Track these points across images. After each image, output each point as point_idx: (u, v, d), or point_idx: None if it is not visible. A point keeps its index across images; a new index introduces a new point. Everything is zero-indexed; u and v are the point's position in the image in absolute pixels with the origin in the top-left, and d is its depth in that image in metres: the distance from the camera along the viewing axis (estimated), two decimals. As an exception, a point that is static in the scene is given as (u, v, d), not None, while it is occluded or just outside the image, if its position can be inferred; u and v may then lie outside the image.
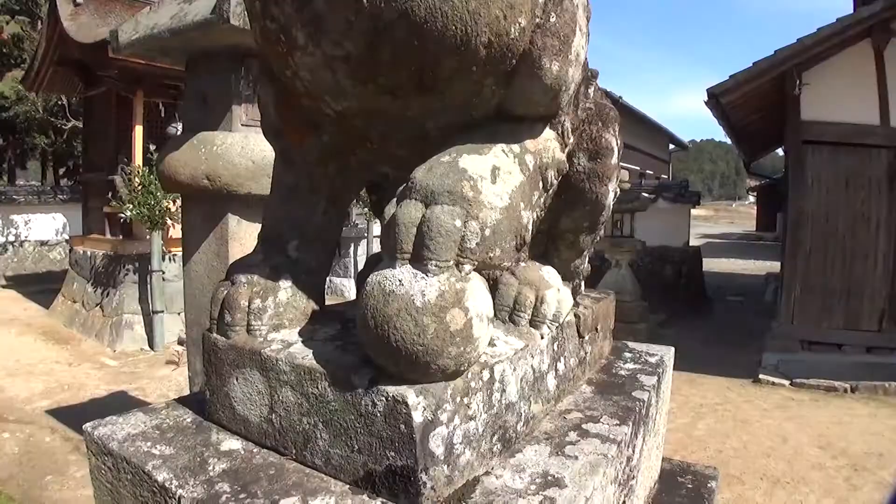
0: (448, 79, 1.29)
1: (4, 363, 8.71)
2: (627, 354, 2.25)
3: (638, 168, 25.93)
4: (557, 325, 1.60)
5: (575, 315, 1.80)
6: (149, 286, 9.80)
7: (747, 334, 10.69)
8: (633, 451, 1.69)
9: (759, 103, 10.44)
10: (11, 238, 16.77)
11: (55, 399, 7.41)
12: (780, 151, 13.67)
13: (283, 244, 1.61)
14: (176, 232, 9.39)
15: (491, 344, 1.37)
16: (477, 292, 1.21)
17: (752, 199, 41.10)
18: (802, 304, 9.35)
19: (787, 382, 8.22)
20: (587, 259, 1.86)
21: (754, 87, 9.36)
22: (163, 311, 9.66)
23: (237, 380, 1.47)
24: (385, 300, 1.17)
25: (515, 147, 1.44)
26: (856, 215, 9.20)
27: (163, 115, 10.95)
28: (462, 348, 1.18)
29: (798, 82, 9.09)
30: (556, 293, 1.57)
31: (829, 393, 7.96)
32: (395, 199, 1.31)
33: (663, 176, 32.30)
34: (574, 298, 1.86)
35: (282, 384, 1.38)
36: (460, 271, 1.21)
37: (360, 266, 13.41)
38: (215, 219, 3.78)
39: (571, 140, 1.61)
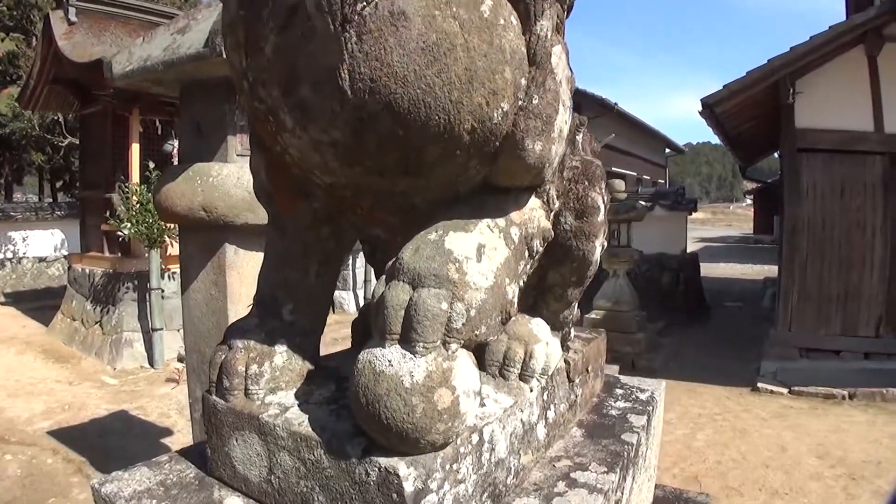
0: (433, 163, 1.32)
1: (4, 383, 8.71)
2: (618, 391, 2.27)
3: (635, 174, 25.88)
4: (547, 377, 1.64)
5: (565, 361, 1.84)
6: (148, 304, 9.81)
7: (746, 341, 10.71)
8: (622, 495, 1.72)
9: (754, 111, 10.49)
10: (9, 254, 16.78)
11: (56, 419, 7.41)
12: (776, 154, 13.71)
13: (278, 308, 1.65)
14: (174, 249, 9.43)
15: (481, 404, 1.41)
16: (463, 370, 1.26)
17: (749, 201, 41.13)
18: (800, 312, 9.38)
19: (785, 390, 8.23)
20: (576, 307, 1.90)
21: (748, 96, 9.40)
22: (162, 329, 9.68)
23: (237, 441, 1.51)
24: (375, 380, 1.21)
25: (501, 221, 1.47)
26: (851, 222, 9.24)
27: (159, 132, 10.97)
28: (450, 424, 1.22)
29: (791, 91, 9.15)
30: (545, 347, 1.60)
31: (828, 400, 7.97)
32: (384, 277, 1.35)
33: (660, 181, 32.28)
34: (565, 343, 1.90)
35: (279, 448, 1.42)
36: (447, 350, 1.25)
37: (360, 279, 13.38)
38: (213, 248, 3.80)
39: (557, 204, 1.64)
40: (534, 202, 1.58)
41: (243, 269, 3.80)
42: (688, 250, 14.56)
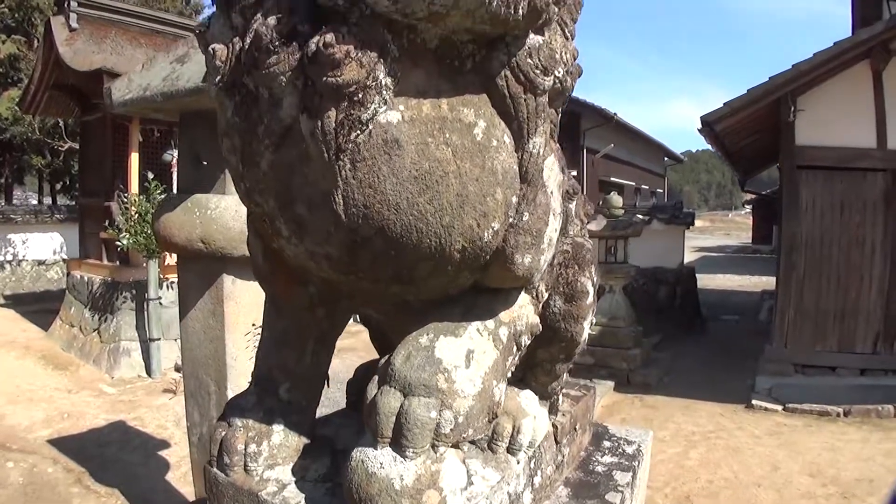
0: (425, 276, 1.37)
1: (5, 389, 8.75)
2: (606, 443, 2.31)
3: (633, 183, 25.99)
4: (534, 448, 1.68)
5: (553, 425, 1.88)
6: (146, 313, 9.85)
7: (741, 356, 10.72)
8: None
9: (754, 127, 10.50)
10: (9, 257, 16.86)
11: (56, 428, 7.46)
12: (776, 166, 13.70)
13: (276, 387, 1.70)
14: (172, 259, 9.46)
15: (469, 482, 1.45)
16: (451, 470, 1.31)
17: (748, 209, 41.21)
18: (796, 328, 9.39)
19: (779, 408, 8.25)
20: (565, 377, 1.94)
21: (748, 113, 9.41)
22: (160, 339, 9.71)
23: None
24: (367, 479, 1.27)
25: (490, 323, 1.51)
26: (850, 239, 9.25)
27: (159, 140, 11.01)
28: None
29: (792, 108, 9.14)
30: (533, 421, 1.64)
31: (822, 417, 7.99)
32: (376, 378, 1.40)
33: (659, 190, 32.33)
34: (554, 408, 1.94)
35: None
36: (436, 453, 1.30)
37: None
38: (211, 278, 3.84)
39: (545, 296, 1.69)
40: (523, 299, 1.61)
41: (241, 299, 3.84)
42: (685, 262, 14.58)
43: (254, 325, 3.88)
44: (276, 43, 1.18)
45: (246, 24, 1.26)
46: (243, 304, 3.85)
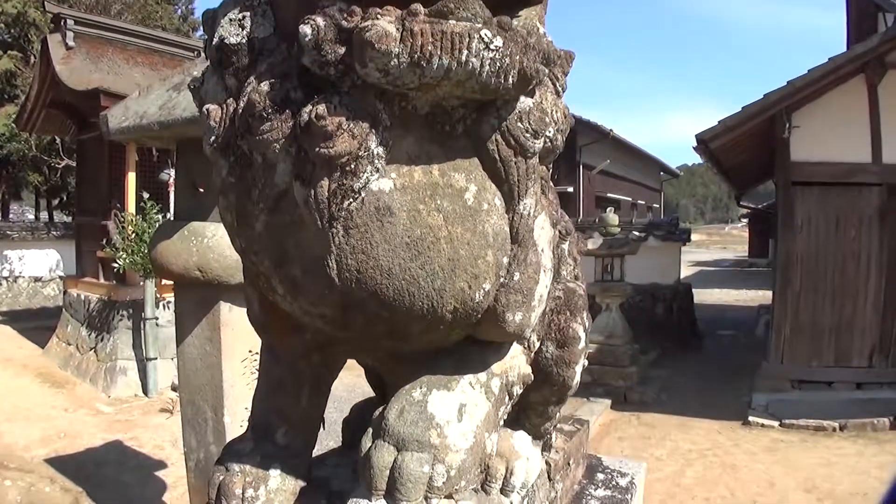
0: (417, 334, 1.39)
1: (2, 406, 8.76)
2: (599, 476, 2.32)
3: (630, 199, 26.09)
4: (527, 489, 1.70)
5: (546, 462, 1.90)
6: (142, 333, 9.86)
7: (738, 371, 10.73)
8: None
9: (749, 143, 10.54)
10: (6, 273, 16.90)
11: (53, 447, 7.46)
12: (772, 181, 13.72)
13: (272, 432, 1.71)
14: (169, 278, 9.48)
15: None
16: None
17: (744, 222, 41.29)
18: (792, 343, 9.43)
19: (776, 424, 8.26)
20: (559, 415, 1.95)
21: (743, 130, 9.45)
22: (156, 358, 9.72)
23: None
24: None
25: (482, 376, 1.53)
26: (846, 254, 9.30)
27: (156, 160, 11.02)
28: None
29: (787, 125, 9.19)
30: (525, 463, 1.66)
31: (819, 432, 8.01)
32: (370, 430, 1.42)
33: (655, 204, 32.46)
34: (547, 446, 1.96)
35: None
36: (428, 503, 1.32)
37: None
38: (207, 305, 3.86)
39: (537, 345, 1.71)
40: (515, 349, 1.63)
41: (237, 326, 3.85)
42: (682, 277, 14.59)
43: (250, 351, 3.89)
44: (269, 110, 1.20)
45: (239, 85, 1.29)
46: (240, 330, 3.85)
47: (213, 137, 1.32)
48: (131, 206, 10.78)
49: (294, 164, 1.23)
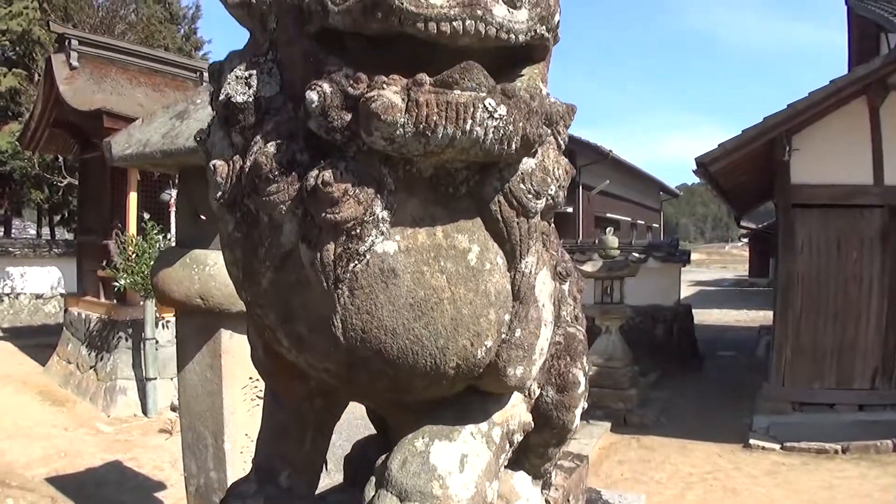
0: (420, 389, 1.41)
1: (3, 424, 8.76)
2: (599, 511, 2.33)
3: (629, 219, 26.13)
4: None
5: (545, 500, 1.91)
6: (142, 352, 9.86)
7: (739, 393, 10.69)
8: None
9: (749, 166, 10.54)
10: (7, 290, 16.91)
11: (53, 466, 7.46)
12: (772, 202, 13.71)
13: (276, 475, 1.73)
14: (170, 298, 9.48)
15: None
16: None
17: (745, 240, 41.25)
18: (793, 366, 9.39)
19: (777, 446, 8.21)
20: (559, 455, 1.96)
21: (743, 154, 9.44)
22: (156, 378, 9.72)
23: None
24: None
25: (483, 425, 1.54)
26: (847, 276, 9.27)
27: (157, 180, 11.06)
28: None
29: (788, 148, 9.18)
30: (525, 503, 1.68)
31: (820, 455, 7.96)
32: (373, 479, 1.43)
33: (654, 224, 32.51)
34: (547, 484, 1.97)
35: None
36: None
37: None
38: (208, 332, 3.86)
39: (538, 393, 1.72)
40: (515, 398, 1.64)
41: (238, 353, 3.85)
42: (682, 297, 14.59)
43: (251, 378, 3.89)
44: (276, 172, 1.22)
45: (246, 143, 1.31)
46: (241, 357, 3.85)
47: (219, 193, 1.34)
48: (132, 226, 10.80)
49: (300, 225, 1.25)
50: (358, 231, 1.20)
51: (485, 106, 1.12)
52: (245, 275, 1.40)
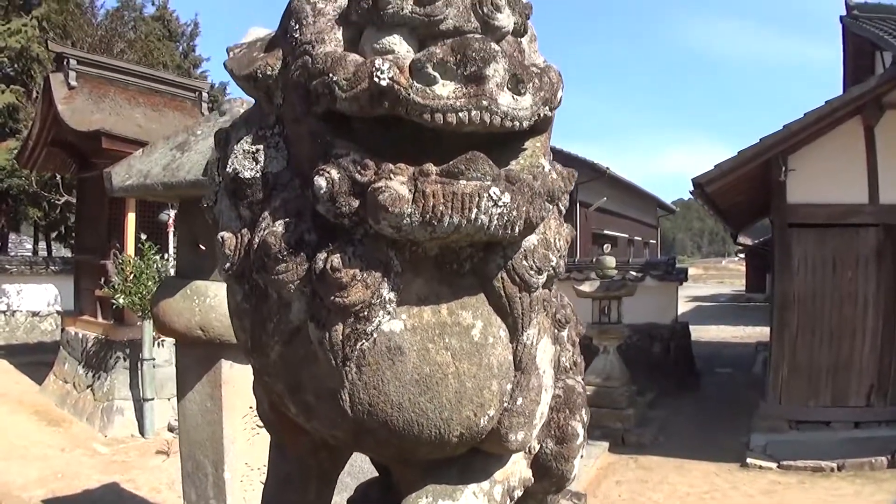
0: (425, 455, 1.44)
1: (-1, 444, 8.74)
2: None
3: (626, 235, 26.22)
4: None
5: None
6: (140, 373, 9.85)
7: (736, 411, 10.69)
8: None
9: (745, 186, 10.59)
10: (3, 307, 16.90)
11: (50, 488, 7.43)
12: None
13: None
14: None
15: None
16: None
17: (742, 255, 41.21)
18: (790, 384, 9.40)
19: (774, 465, 8.22)
20: (557, 500, 1.99)
21: (739, 174, 9.47)
22: (153, 399, 9.71)
23: None
24: None
25: (485, 484, 1.57)
26: (843, 294, 9.30)
27: (156, 201, 11.08)
28: None
29: (784, 168, 9.20)
30: None
31: (816, 473, 7.96)
32: None
33: (652, 240, 32.57)
34: None
35: None
36: None
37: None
38: (209, 363, 3.88)
39: (538, 448, 1.75)
40: (516, 455, 1.67)
41: (238, 383, 3.87)
42: (679, 314, 14.60)
43: (251, 407, 3.90)
44: (285, 253, 1.25)
45: (253, 217, 1.34)
46: (241, 387, 3.87)
47: (228, 265, 1.37)
48: (130, 245, 10.81)
49: (309, 304, 1.28)
50: (366, 313, 1.23)
51: (490, 195, 1.15)
52: (254, 345, 1.43)
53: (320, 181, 1.19)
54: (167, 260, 9.95)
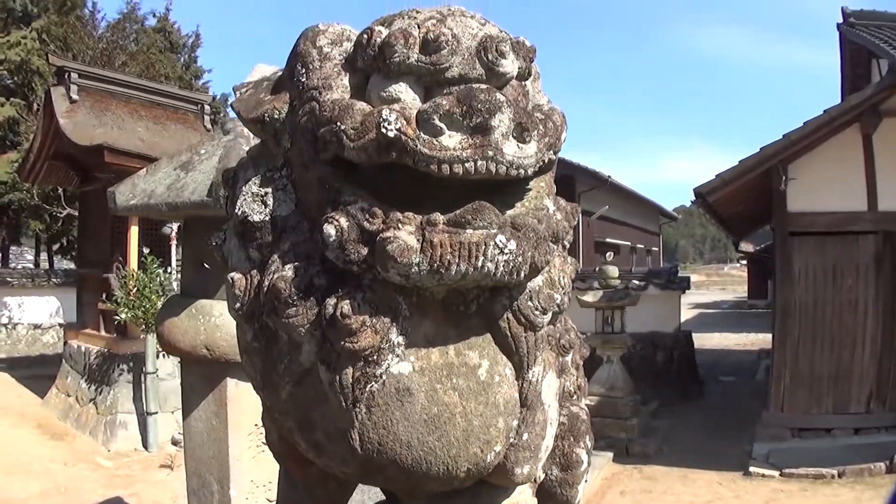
0: (433, 488, 1.46)
1: (1, 458, 8.72)
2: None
3: (629, 243, 26.23)
4: None
5: None
6: (143, 386, 9.86)
7: (739, 419, 10.71)
8: None
9: (746, 195, 10.63)
10: (5, 320, 16.86)
11: (53, 502, 7.47)
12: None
13: None
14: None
15: None
16: None
17: (744, 261, 41.15)
18: (792, 392, 9.43)
19: (776, 473, 8.24)
20: None
21: (740, 183, 9.51)
22: (157, 412, 9.71)
23: None
24: None
25: None
26: (843, 302, 9.34)
27: (159, 214, 11.09)
28: None
29: (784, 178, 9.25)
30: None
31: (818, 481, 7.99)
32: None
33: (654, 248, 32.59)
34: None
35: None
36: None
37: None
38: (214, 381, 3.90)
39: (542, 476, 1.78)
40: (522, 485, 1.70)
41: (244, 401, 3.88)
42: (682, 322, 14.60)
43: (256, 425, 3.93)
44: (295, 297, 1.28)
45: (263, 259, 1.37)
46: (246, 405, 3.89)
47: (238, 305, 1.39)
48: (133, 259, 10.83)
49: (319, 347, 1.31)
50: (375, 357, 1.26)
51: (496, 243, 1.18)
52: (264, 383, 1.46)
53: (329, 229, 1.21)
54: (170, 273, 9.97)
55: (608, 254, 12.57)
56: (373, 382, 1.29)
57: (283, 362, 1.38)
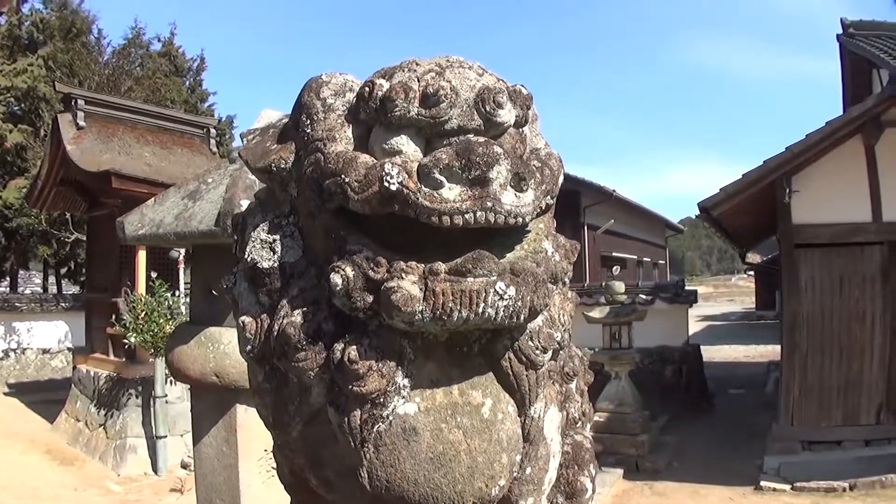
0: None
1: (11, 485, 8.75)
2: None
3: (635, 257, 26.24)
4: None
5: None
6: (152, 410, 9.90)
7: (750, 432, 10.69)
8: None
9: (750, 208, 10.64)
10: (14, 345, 16.92)
11: (63, 528, 7.49)
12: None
13: None
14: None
15: None
16: None
17: (751, 272, 41.07)
18: (801, 405, 9.42)
19: (788, 487, 8.22)
20: None
21: (745, 197, 9.54)
22: (166, 436, 9.75)
23: None
24: None
25: None
26: (851, 314, 9.35)
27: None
28: None
29: (788, 190, 9.27)
30: None
31: (829, 494, 7.98)
32: None
33: (660, 261, 32.57)
34: None
35: None
36: None
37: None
38: (224, 408, 3.93)
39: None
40: None
41: (253, 427, 3.90)
42: (691, 334, 14.58)
43: (266, 451, 3.95)
44: (304, 342, 1.32)
45: (272, 303, 1.41)
46: (256, 431, 3.91)
47: (249, 347, 1.44)
48: (141, 283, 10.89)
49: (328, 389, 1.35)
50: (382, 399, 1.30)
51: (496, 290, 1.21)
52: (276, 423, 1.49)
53: (336, 278, 1.25)
54: (178, 297, 10.03)
55: (614, 268, 12.61)
56: (380, 423, 1.32)
57: (294, 403, 1.42)
